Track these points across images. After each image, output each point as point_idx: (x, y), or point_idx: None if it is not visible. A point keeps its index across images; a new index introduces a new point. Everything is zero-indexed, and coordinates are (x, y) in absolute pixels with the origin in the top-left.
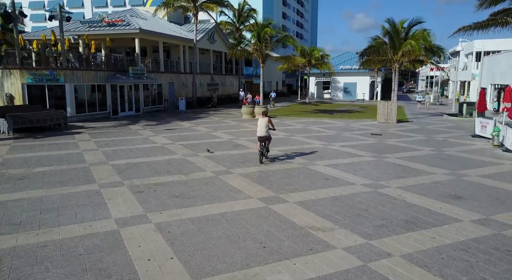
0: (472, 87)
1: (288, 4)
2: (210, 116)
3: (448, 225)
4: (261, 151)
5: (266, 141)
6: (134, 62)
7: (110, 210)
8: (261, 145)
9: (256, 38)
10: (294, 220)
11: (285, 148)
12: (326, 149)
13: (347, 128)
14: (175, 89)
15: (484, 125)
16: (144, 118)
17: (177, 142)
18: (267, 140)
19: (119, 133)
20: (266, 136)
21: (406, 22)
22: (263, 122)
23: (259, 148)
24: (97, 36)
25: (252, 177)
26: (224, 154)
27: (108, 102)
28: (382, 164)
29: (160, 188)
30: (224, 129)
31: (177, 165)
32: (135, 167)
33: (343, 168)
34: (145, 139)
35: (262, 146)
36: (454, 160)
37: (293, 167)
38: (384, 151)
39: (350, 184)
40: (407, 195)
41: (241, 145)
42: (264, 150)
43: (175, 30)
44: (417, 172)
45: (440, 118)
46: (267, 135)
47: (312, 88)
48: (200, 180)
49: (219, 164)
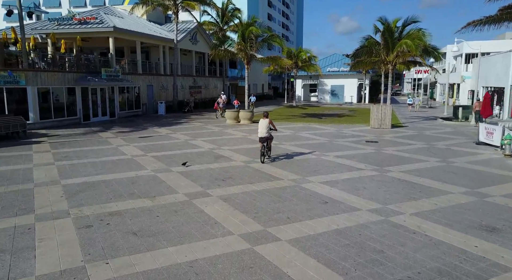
0: (462, 90)
1: (273, 6)
2: (191, 121)
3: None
4: (262, 152)
5: (268, 141)
6: (108, 63)
7: (35, 261)
8: (262, 145)
9: (241, 37)
10: (290, 273)
11: (274, 159)
12: (320, 160)
13: (339, 134)
14: (154, 92)
15: (490, 132)
16: (118, 124)
17: (150, 153)
18: (269, 140)
19: (85, 142)
20: (267, 136)
21: (400, 21)
22: (264, 123)
23: (261, 149)
24: (67, 34)
25: (234, 202)
26: (203, 168)
27: (78, 107)
28: (386, 181)
29: (116, 220)
30: (205, 137)
31: (144, 185)
32: (91, 189)
33: (342, 186)
34: (114, 149)
35: (264, 147)
36: (467, 174)
37: (284, 186)
38: (385, 163)
39: (354, 209)
40: (428, 226)
41: (223, 157)
42: (266, 150)
43: (155, 30)
44: (430, 191)
45: (434, 122)
46: (268, 136)
47: (298, 91)
48: (169, 206)
49: (195, 183)
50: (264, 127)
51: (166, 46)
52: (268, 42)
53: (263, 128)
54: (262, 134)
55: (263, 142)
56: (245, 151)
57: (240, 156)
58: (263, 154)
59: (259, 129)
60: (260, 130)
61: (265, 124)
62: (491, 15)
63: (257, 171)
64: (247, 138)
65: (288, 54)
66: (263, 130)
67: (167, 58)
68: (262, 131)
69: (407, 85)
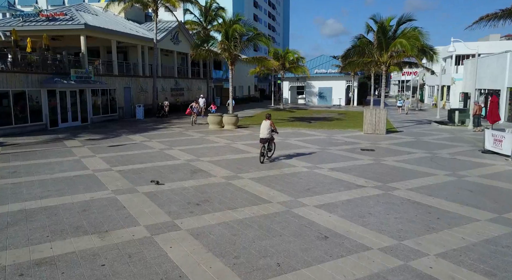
0: (452, 92)
1: (259, 6)
2: (170, 126)
3: None
4: (262, 152)
5: (269, 142)
6: (80, 64)
7: None
8: (263, 146)
9: (224, 36)
10: None
11: (260, 173)
12: (313, 175)
13: (332, 141)
14: (133, 95)
15: (498, 139)
16: (89, 130)
17: (116, 166)
18: (270, 141)
19: (44, 153)
20: (268, 138)
21: (394, 19)
22: (265, 125)
23: (261, 149)
24: (34, 32)
25: (208, 238)
26: (175, 187)
27: (44, 111)
28: (394, 202)
29: (42, 274)
30: (184, 145)
31: (97, 214)
32: (27, 221)
33: (343, 211)
34: (75, 162)
35: (264, 147)
36: (486, 191)
37: (272, 212)
38: (388, 178)
39: (362, 248)
40: (464, 277)
41: (201, 171)
42: (266, 151)
43: (133, 28)
44: (450, 218)
45: (429, 127)
46: (269, 137)
47: (286, 93)
48: (123, 248)
49: (162, 209)
50: (266, 129)
51: (145, 46)
52: (253, 41)
53: (264, 130)
54: (263, 135)
55: (263, 143)
56: (227, 163)
57: (221, 170)
58: (263, 155)
59: (261, 130)
60: (261, 131)
61: (267, 126)
62: (508, 8)
63: (240, 191)
64: (231, 147)
65: (274, 55)
66: (264, 131)
67: (146, 59)
68: (263, 132)
69: (394, 87)
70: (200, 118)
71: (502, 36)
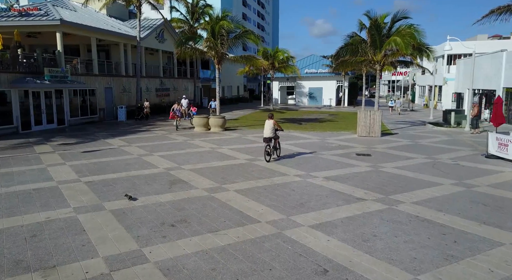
0: (444, 92)
1: (248, 5)
2: (153, 128)
3: None
4: (267, 151)
5: (273, 141)
6: (55, 63)
7: None
8: (267, 145)
9: (210, 33)
10: None
11: (247, 184)
12: (307, 185)
13: (324, 145)
14: (114, 95)
15: (503, 143)
16: (65, 133)
17: (85, 177)
18: (274, 140)
19: (7, 160)
20: (271, 137)
21: (388, 16)
22: (269, 124)
23: (265, 148)
24: (4, 28)
25: (181, 276)
26: (149, 203)
27: (15, 114)
28: (401, 221)
29: None
30: (165, 150)
31: (49, 241)
32: None
33: (343, 233)
34: (39, 172)
35: (269, 146)
36: (502, 206)
37: (260, 236)
38: (390, 188)
39: None
40: None
41: (181, 182)
42: (272, 149)
43: (114, 25)
44: (470, 241)
45: (424, 128)
46: (273, 136)
47: (275, 94)
48: None
49: (129, 233)
50: (269, 128)
51: (128, 44)
52: (241, 39)
53: (268, 129)
54: (267, 134)
55: (267, 142)
56: (211, 171)
57: (204, 180)
58: (269, 154)
59: (265, 129)
60: (265, 130)
61: (270, 125)
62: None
63: (224, 207)
64: (216, 152)
65: (264, 55)
66: (268, 130)
67: (129, 58)
68: (267, 131)
69: (383, 87)
70: (184, 120)
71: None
